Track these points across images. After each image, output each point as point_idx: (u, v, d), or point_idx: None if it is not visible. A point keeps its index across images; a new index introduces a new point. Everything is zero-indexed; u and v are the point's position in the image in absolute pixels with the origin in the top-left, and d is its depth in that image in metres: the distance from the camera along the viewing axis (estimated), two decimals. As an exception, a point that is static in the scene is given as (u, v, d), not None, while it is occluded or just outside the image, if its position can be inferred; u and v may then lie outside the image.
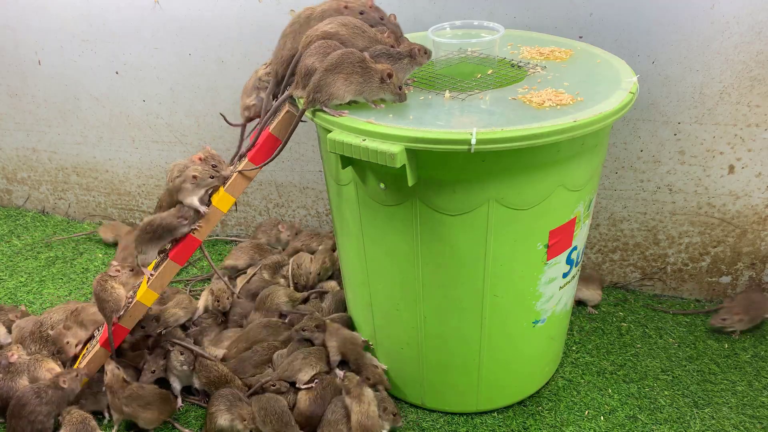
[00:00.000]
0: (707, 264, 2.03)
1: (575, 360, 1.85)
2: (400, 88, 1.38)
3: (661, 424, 1.63)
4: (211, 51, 2.17)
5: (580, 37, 1.81)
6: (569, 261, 1.53)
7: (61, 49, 2.35)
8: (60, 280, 2.31)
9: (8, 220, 2.73)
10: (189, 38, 2.17)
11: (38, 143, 2.62)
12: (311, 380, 1.66)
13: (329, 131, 1.32)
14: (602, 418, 1.65)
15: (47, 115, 2.53)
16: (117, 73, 2.33)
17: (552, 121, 1.23)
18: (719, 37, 1.72)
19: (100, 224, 2.55)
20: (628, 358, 1.84)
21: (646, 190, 1.97)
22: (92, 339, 1.81)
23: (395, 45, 1.47)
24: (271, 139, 1.58)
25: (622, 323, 1.99)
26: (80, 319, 1.81)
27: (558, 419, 1.66)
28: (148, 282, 1.67)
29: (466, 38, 1.71)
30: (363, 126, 1.28)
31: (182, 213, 1.62)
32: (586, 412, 1.67)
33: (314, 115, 1.39)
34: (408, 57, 1.45)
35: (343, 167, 1.37)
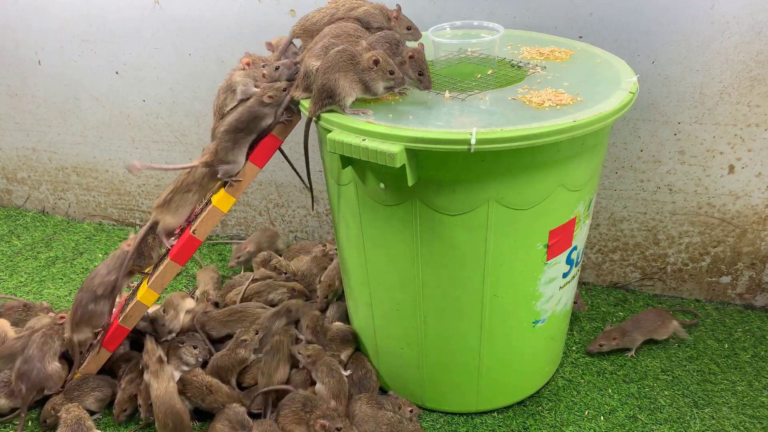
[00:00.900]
0: (707, 264, 2.03)
1: (575, 360, 1.85)
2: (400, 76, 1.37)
3: (661, 424, 1.63)
4: (211, 51, 2.17)
5: (580, 37, 1.81)
6: (569, 261, 1.53)
7: (61, 49, 2.35)
8: (60, 280, 2.31)
9: (8, 220, 2.73)
10: (189, 38, 2.18)
11: (38, 143, 2.62)
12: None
13: (329, 131, 1.32)
14: (602, 418, 1.65)
15: (47, 115, 2.53)
16: (117, 73, 2.34)
17: (552, 121, 1.23)
18: (719, 37, 1.72)
19: (99, 224, 2.55)
20: (628, 358, 1.84)
21: (646, 190, 1.97)
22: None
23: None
24: (272, 140, 1.58)
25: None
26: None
27: (558, 419, 1.66)
28: (148, 282, 1.67)
29: (466, 38, 1.71)
30: (363, 126, 1.28)
31: (265, 92, 1.53)
32: (586, 412, 1.67)
33: (319, 118, 1.39)
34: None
35: (343, 167, 1.37)
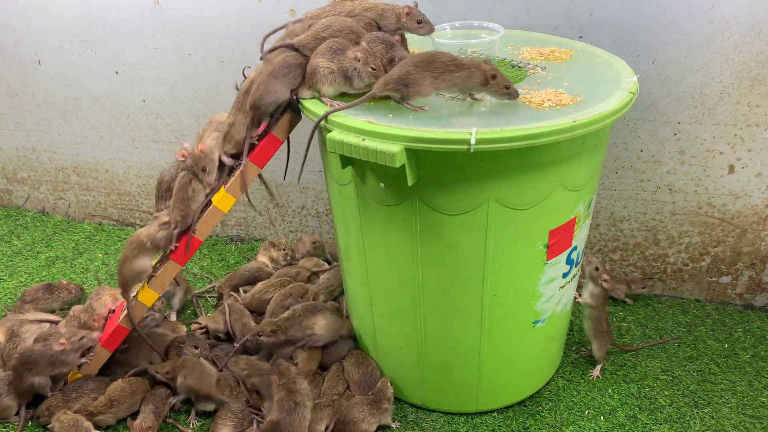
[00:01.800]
0: (707, 264, 2.03)
1: (575, 360, 1.85)
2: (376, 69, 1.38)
3: (661, 424, 1.63)
4: (211, 51, 2.17)
5: (580, 37, 1.81)
6: (569, 261, 1.53)
7: (61, 49, 2.35)
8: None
9: (8, 220, 2.73)
10: (189, 38, 2.18)
11: (38, 143, 2.62)
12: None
13: (329, 131, 1.32)
14: (602, 418, 1.65)
15: (47, 115, 2.53)
16: (117, 73, 2.34)
17: (551, 121, 1.23)
18: (719, 37, 1.72)
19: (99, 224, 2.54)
20: (628, 358, 1.84)
21: (646, 190, 1.97)
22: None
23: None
24: (272, 140, 1.58)
25: (622, 323, 1.99)
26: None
27: (558, 419, 1.65)
28: (148, 282, 1.67)
29: (466, 39, 1.71)
30: (363, 126, 1.27)
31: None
32: (586, 412, 1.67)
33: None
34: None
35: (343, 167, 1.37)
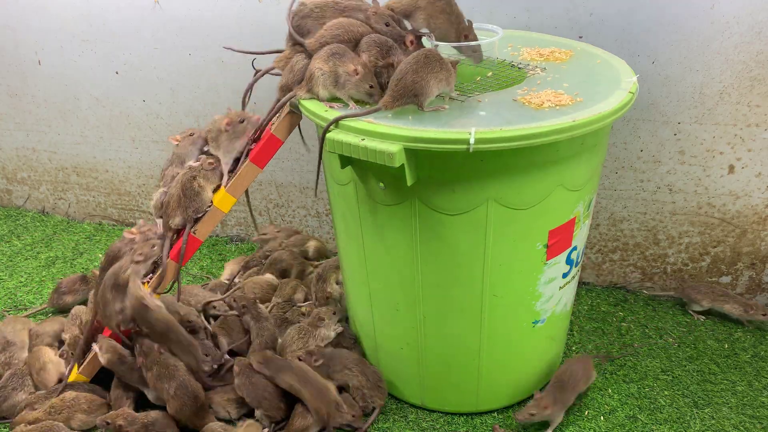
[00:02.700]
0: (707, 264, 2.03)
1: (575, 360, 1.85)
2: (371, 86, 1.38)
3: (661, 424, 1.62)
4: (211, 51, 2.17)
5: (580, 37, 1.81)
6: (569, 261, 1.53)
7: (61, 49, 2.36)
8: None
9: (8, 220, 2.73)
10: (189, 38, 2.18)
11: (38, 143, 2.62)
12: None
13: (328, 131, 1.32)
14: (602, 418, 1.65)
15: (47, 115, 2.53)
16: (117, 73, 2.34)
17: (551, 121, 1.23)
18: (719, 37, 1.72)
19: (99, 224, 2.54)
20: (628, 358, 1.84)
21: (646, 190, 1.97)
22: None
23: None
24: (273, 140, 1.58)
25: (622, 323, 1.98)
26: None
27: (558, 419, 1.66)
28: (148, 282, 1.67)
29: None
30: (362, 125, 1.28)
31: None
32: (586, 412, 1.67)
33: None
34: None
35: (343, 167, 1.37)
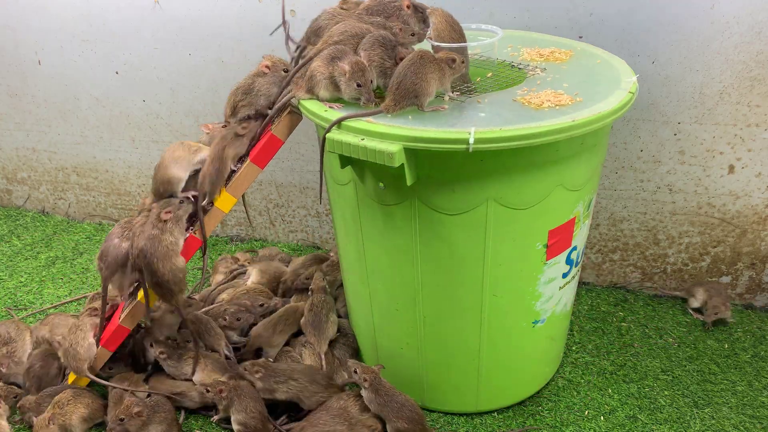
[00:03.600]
0: (707, 264, 2.03)
1: (575, 360, 1.85)
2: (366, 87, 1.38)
3: (661, 424, 1.62)
4: (211, 51, 2.17)
5: (580, 38, 1.81)
6: (569, 261, 1.53)
7: (61, 49, 2.36)
8: (60, 280, 2.31)
9: (8, 220, 2.73)
10: (189, 38, 2.18)
11: (38, 143, 2.62)
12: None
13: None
14: (602, 418, 1.65)
15: (47, 115, 2.53)
16: (117, 73, 2.34)
17: (550, 121, 1.23)
18: (719, 37, 1.72)
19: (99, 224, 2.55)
20: (628, 358, 1.84)
21: (646, 190, 1.96)
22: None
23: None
24: (273, 140, 1.58)
25: (622, 323, 1.98)
26: None
27: (558, 419, 1.65)
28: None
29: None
30: (362, 125, 1.27)
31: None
32: (586, 412, 1.67)
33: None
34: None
35: (342, 167, 1.37)
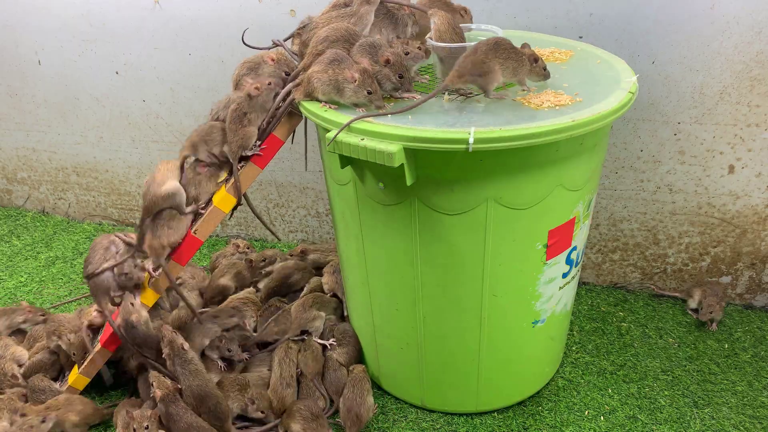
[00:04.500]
0: (707, 264, 2.03)
1: (575, 360, 1.85)
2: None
3: (661, 424, 1.62)
4: (211, 51, 2.17)
5: (580, 38, 1.81)
6: (569, 261, 1.53)
7: (61, 49, 2.36)
8: (60, 280, 2.31)
9: (8, 220, 2.73)
10: (189, 38, 2.18)
11: (38, 143, 2.62)
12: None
13: (328, 131, 1.32)
14: (602, 418, 1.65)
15: (47, 115, 2.53)
16: (117, 73, 2.34)
17: (550, 121, 1.23)
18: (719, 37, 1.72)
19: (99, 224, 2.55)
20: (628, 358, 1.84)
21: (646, 190, 1.96)
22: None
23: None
24: (273, 140, 1.58)
25: (622, 323, 1.98)
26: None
27: (558, 419, 1.65)
28: (149, 282, 1.67)
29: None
30: (362, 125, 1.27)
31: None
32: (586, 412, 1.67)
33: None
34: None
35: (342, 167, 1.37)
